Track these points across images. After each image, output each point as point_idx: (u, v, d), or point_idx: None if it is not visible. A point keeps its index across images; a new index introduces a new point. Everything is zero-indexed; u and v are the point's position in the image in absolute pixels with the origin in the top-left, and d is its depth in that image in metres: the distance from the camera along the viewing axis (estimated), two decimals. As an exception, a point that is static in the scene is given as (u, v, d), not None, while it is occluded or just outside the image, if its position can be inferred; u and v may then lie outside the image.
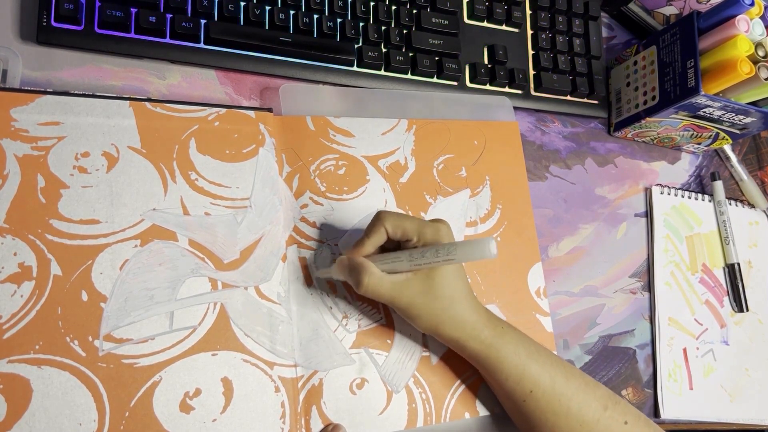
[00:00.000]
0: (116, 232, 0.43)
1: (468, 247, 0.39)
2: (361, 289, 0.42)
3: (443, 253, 0.40)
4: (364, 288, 0.42)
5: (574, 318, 0.59)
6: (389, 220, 0.43)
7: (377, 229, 0.43)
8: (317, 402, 0.45)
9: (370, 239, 0.43)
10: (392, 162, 0.54)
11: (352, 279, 0.43)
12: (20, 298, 0.39)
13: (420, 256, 0.41)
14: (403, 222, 0.43)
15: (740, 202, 0.71)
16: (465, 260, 0.40)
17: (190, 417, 0.41)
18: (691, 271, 0.65)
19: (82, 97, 0.45)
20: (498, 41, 0.62)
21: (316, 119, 0.52)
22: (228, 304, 0.44)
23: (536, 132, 0.64)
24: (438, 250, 0.40)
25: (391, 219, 0.43)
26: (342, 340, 0.47)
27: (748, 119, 0.61)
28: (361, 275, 0.42)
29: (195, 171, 0.46)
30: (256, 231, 0.47)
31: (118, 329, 0.41)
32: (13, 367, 0.38)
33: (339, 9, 0.55)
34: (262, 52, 0.53)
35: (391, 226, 0.43)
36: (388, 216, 0.43)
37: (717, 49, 0.58)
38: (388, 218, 0.43)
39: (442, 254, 0.40)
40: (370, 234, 0.43)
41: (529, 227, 0.57)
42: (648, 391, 0.60)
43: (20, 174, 0.42)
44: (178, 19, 0.49)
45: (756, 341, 0.66)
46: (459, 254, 0.39)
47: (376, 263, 0.43)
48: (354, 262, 0.43)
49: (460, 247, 0.39)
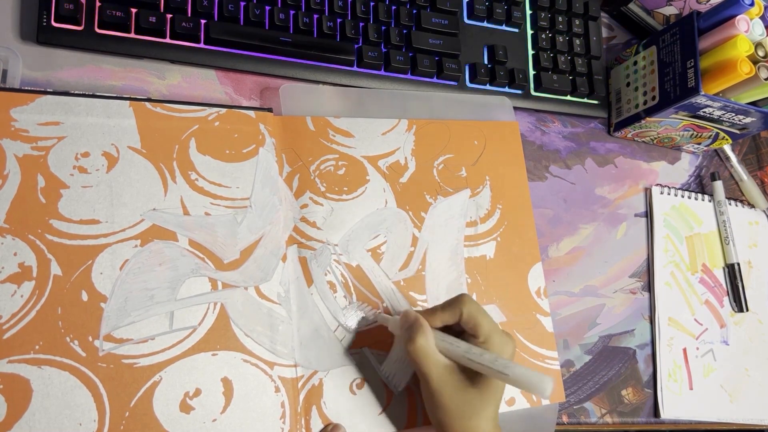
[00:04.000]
0: (116, 232, 0.43)
1: (525, 374, 0.38)
2: (411, 346, 0.42)
3: (500, 365, 0.39)
4: (414, 346, 0.42)
5: (574, 318, 0.59)
6: (469, 306, 0.43)
7: (454, 309, 0.43)
8: (317, 402, 0.45)
9: (443, 313, 0.43)
10: (392, 162, 0.54)
11: (408, 333, 0.42)
12: (20, 298, 0.39)
13: (479, 354, 0.40)
14: (479, 316, 0.42)
15: (740, 202, 0.71)
16: (516, 384, 0.39)
17: (190, 417, 0.41)
18: (691, 271, 0.65)
19: (82, 97, 0.45)
20: (498, 41, 0.62)
21: (316, 119, 0.52)
22: (228, 304, 0.44)
23: (536, 132, 0.64)
24: (497, 359, 0.39)
25: (470, 306, 0.43)
26: (342, 340, 0.47)
27: (748, 119, 0.61)
28: (419, 335, 0.42)
29: (195, 171, 0.46)
30: (256, 231, 0.47)
31: (118, 329, 0.41)
32: (13, 367, 0.38)
33: (339, 9, 0.55)
34: (262, 52, 0.53)
35: (467, 313, 0.43)
36: (470, 302, 0.43)
37: (717, 49, 0.58)
38: (468, 304, 0.43)
39: (498, 365, 0.39)
40: (445, 308, 0.43)
41: (529, 227, 0.57)
42: (648, 391, 0.60)
43: (20, 174, 0.42)
44: (178, 19, 0.49)
45: (756, 341, 0.66)
46: (514, 374, 0.38)
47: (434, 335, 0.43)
48: (418, 321, 0.43)
49: (518, 369, 0.38)
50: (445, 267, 0.52)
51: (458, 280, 0.52)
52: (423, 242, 0.52)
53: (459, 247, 0.53)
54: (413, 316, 0.43)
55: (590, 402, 0.57)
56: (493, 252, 0.54)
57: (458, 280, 0.52)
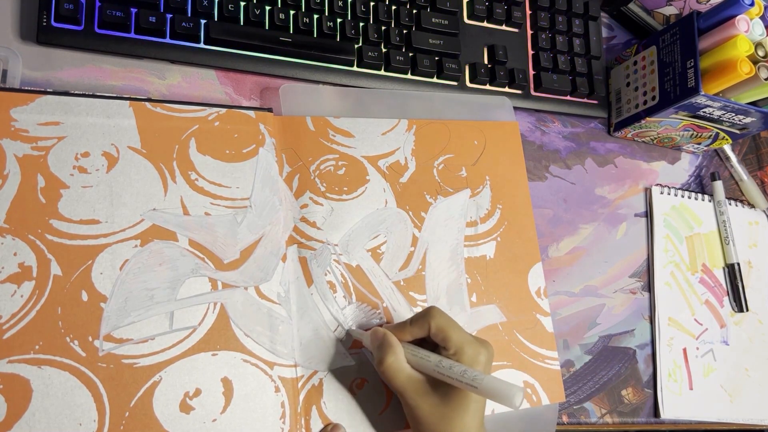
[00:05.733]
0: (116, 232, 0.43)
1: (495, 384, 0.37)
2: (380, 368, 0.42)
3: (469, 377, 0.38)
4: (383, 367, 0.42)
5: (574, 318, 0.59)
6: (438, 319, 0.42)
7: (421, 323, 0.43)
8: (317, 402, 0.45)
9: (411, 327, 0.43)
10: (392, 162, 0.54)
11: (377, 353, 0.43)
12: (20, 298, 0.39)
13: (448, 367, 0.40)
14: (448, 329, 0.42)
15: (740, 202, 0.71)
16: (487, 395, 0.38)
17: (190, 417, 0.41)
18: (691, 271, 0.65)
19: (82, 97, 0.45)
20: (498, 41, 0.62)
21: (316, 119, 0.52)
22: (228, 304, 0.44)
23: (536, 132, 0.64)
24: (466, 371, 0.39)
25: (439, 320, 0.42)
26: (342, 340, 0.47)
27: (748, 119, 0.61)
28: (387, 355, 0.42)
29: (195, 171, 0.46)
30: (256, 231, 0.47)
31: (118, 329, 0.41)
32: (13, 367, 0.38)
33: (339, 9, 0.55)
34: (262, 52, 0.53)
35: (435, 326, 0.42)
36: (438, 315, 0.42)
37: (717, 49, 0.58)
38: (437, 318, 0.42)
39: (467, 377, 0.38)
40: (413, 322, 0.43)
41: (529, 227, 0.57)
42: (648, 391, 0.60)
43: (20, 174, 0.42)
44: (178, 19, 0.49)
45: (756, 341, 0.66)
46: (483, 386, 0.38)
47: (405, 350, 0.42)
48: (386, 340, 0.43)
49: (487, 381, 0.38)
50: (445, 267, 0.52)
51: (458, 280, 0.52)
52: (423, 242, 0.52)
53: (459, 247, 0.53)
54: (381, 333, 0.43)
55: (590, 402, 0.57)
56: (493, 252, 0.54)
57: (458, 280, 0.52)
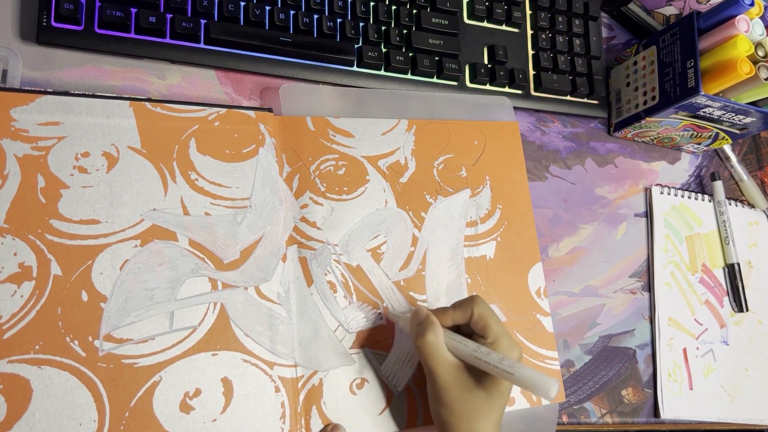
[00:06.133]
0: (116, 232, 0.43)
1: (530, 375, 0.39)
2: (420, 341, 0.42)
3: (507, 365, 0.39)
4: (423, 341, 0.42)
5: (574, 318, 0.59)
6: (480, 307, 0.43)
7: (465, 309, 0.44)
8: (317, 402, 0.45)
9: (454, 312, 0.44)
10: (392, 162, 0.54)
11: (418, 329, 0.43)
12: (20, 298, 0.39)
13: (486, 353, 0.41)
14: (490, 318, 0.43)
15: (740, 202, 0.71)
16: (521, 384, 0.39)
17: (190, 417, 0.41)
18: (691, 271, 0.65)
19: (82, 97, 0.45)
20: (498, 41, 0.62)
21: (316, 119, 0.52)
22: (228, 304, 0.44)
23: (536, 132, 0.64)
24: (504, 359, 0.40)
25: (482, 307, 0.43)
26: (342, 340, 0.47)
27: (748, 119, 0.61)
28: (429, 331, 0.42)
29: (195, 171, 0.46)
30: (256, 231, 0.47)
31: (118, 329, 0.41)
32: (13, 367, 0.38)
33: (339, 9, 0.55)
34: (262, 52, 0.53)
35: (478, 313, 0.43)
36: (481, 304, 0.44)
37: (717, 49, 0.58)
38: (479, 305, 0.43)
39: (505, 364, 0.40)
40: (456, 308, 0.44)
41: (529, 227, 0.57)
42: (648, 391, 0.60)
43: (20, 174, 0.42)
44: (178, 19, 0.49)
45: (756, 341, 0.66)
46: (520, 374, 0.39)
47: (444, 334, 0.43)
48: (429, 318, 0.43)
49: (524, 370, 0.39)
50: (445, 267, 0.52)
51: (458, 280, 0.52)
52: (423, 242, 0.52)
53: (459, 247, 0.53)
54: (424, 312, 0.44)
55: (590, 402, 0.57)
56: (493, 252, 0.54)
57: (458, 280, 0.52)
